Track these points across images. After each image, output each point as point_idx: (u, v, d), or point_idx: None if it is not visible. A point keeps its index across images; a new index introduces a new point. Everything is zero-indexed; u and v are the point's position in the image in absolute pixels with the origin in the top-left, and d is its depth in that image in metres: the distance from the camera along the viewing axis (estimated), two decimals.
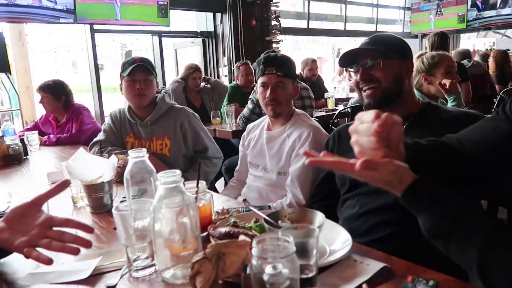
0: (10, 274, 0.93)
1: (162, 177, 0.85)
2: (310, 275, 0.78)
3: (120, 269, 0.92)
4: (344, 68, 1.40)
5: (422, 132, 1.20)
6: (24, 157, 2.35)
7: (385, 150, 0.79)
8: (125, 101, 2.05)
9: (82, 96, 4.82)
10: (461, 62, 4.41)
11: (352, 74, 1.32)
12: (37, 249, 0.85)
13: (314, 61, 4.85)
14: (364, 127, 0.81)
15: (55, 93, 2.94)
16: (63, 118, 3.03)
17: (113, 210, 0.89)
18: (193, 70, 3.84)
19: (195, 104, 3.84)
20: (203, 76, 4.03)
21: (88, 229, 0.90)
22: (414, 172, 0.83)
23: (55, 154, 2.59)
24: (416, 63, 2.19)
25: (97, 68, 4.91)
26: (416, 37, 9.37)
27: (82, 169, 1.29)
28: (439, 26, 8.80)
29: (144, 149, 1.12)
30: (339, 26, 8.04)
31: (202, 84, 3.98)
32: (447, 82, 2.11)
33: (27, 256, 0.84)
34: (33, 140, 2.59)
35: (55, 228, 0.89)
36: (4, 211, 1.21)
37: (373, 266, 0.85)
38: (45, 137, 2.89)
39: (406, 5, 9.21)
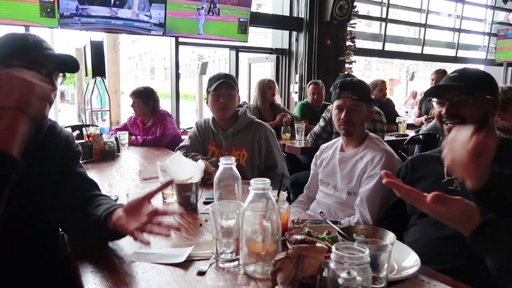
0: (119, 251, 1.12)
1: (254, 183, 0.98)
2: (380, 286, 0.86)
3: (208, 258, 1.07)
4: (428, 98, 1.44)
5: (499, 168, 1.22)
6: (116, 154, 2.66)
7: (475, 166, 0.87)
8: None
9: None
10: None
11: (435, 104, 1.35)
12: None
13: (383, 82, 4.87)
14: (462, 140, 0.89)
15: (145, 98, 3.29)
16: (149, 122, 3.36)
17: (210, 208, 1.04)
18: (267, 80, 4.02)
19: (268, 121, 3.93)
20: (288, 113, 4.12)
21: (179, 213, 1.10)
22: (493, 199, 0.88)
23: (141, 153, 2.89)
24: None
25: (178, 77, 5.30)
26: (500, 65, 8.83)
27: (176, 170, 1.47)
28: None
29: (233, 158, 1.28)
30: (416, 49, 7.84)
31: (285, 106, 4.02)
32: None
33: (135, 239, 1.01)
34: (124, 139, 2.91)
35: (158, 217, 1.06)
36: (115, 200, 1.43)
37: None
38: (133, 137, 3.23)
39: (492, 31, 8.74)
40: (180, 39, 5.08)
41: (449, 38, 8.36)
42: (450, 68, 9.67)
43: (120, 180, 2.03)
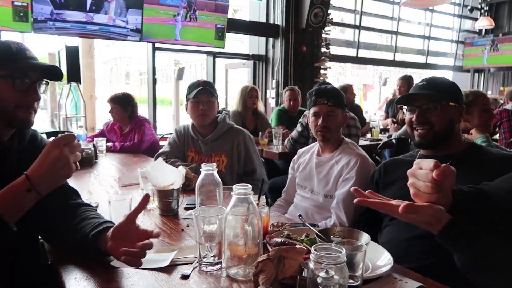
0: (103, 257, 1.13)
1: (236, 188, 1.02)
2: (356, 284, 0.91)
3: (191, 263, 1.10)
4: (399, 105, 1.52)
5: (464, 170, 1.30)
6: (94, 161, 2.64)
7: (438, 195, 0.92)
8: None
9: None
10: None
11: (405, 111, 1.44)
12: None
13: (351, 85, 5.09)
14: (422, 173, 0.93)
15: (123, 104, 3.28)
16: (127, 128, 3.34)
17: (193, 213, 1.07)
18: (250, 88, 4.06)
19: (249, 127, 3.94)
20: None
21: (157, 235, 1.07)
22: (456, 214, 0.94)
23: (119, 160, 2.87)
24: None
25: (154, 83, 5.27)
26: (468, 71, 9.22)
27: (157, 176, 1.49)
28: (493, 61, 8.63)
29: (214, 164, 1.31)
30: (388, 56, 8.10)
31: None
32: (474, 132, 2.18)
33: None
34: (102, 146, 2.89)
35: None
36: (95, 207, 1.42)
37: (411, 284, 0.97)
38: (110, 143, 3.20)
39: (459, 38, 9.12)
40: (157, 45, 5.07)
41: (419, 45, 8.68)
42: (421, 74, 10.03)
43: (99, 187, 2.02)
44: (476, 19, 8.75)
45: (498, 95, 7.81)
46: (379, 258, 1.09)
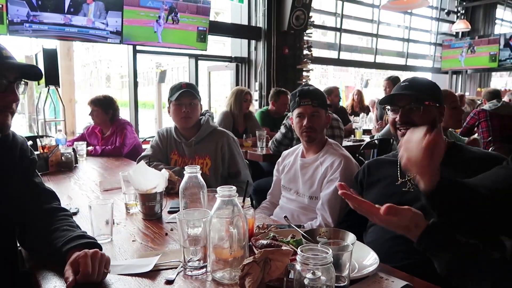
0: None
1: (220, 190, 1.01)
2: (342, 284, 0.91)
3: (176, 267, 1.07)
4: (382, 106, 1.53)
5: (446, 170, 1.32)
6: (74, 165, 2.57)
7: (429, 161, 0.95)
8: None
9: None
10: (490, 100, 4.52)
11: (389, 112, 1.45)
12: None
13: (337, 88, 5.17)
14: (415, 140, 0.98)
15: (104, 107, 3.21)
16: (108, 131, 3.28)
17: (177, 216, 1.05)
18: (245, 92, 3.99)
19: (239, 129, 3.89)
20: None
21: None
22: (443, 201, 0.96)
23: (100, 164, 2.81)
24: None
25: (136, 86, 5.20)
26: (446, 73, 9.44)
27: (140, 180, 1.46)
28: (470, 63, 8.86)
29: (198, 166, 1.29)
30: (369, 58, 8.22)
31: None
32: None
33: None
34: (82, 150, 2.83)
35: None
36: (74, 213, 1.38)
37: (397, 283, 0.97)
38: (90, 147, 3.14)
39: (437, 41, 9.33)
40: (138, 47, 5.01)
41: (399, 47, 8.83)
42: (401, 75, 10.20)
43: (80, 192, 1.97)
44: (453, 22, 8.96)
45: (476, 96, 8.02)
46: (365, 258, 1.09)
